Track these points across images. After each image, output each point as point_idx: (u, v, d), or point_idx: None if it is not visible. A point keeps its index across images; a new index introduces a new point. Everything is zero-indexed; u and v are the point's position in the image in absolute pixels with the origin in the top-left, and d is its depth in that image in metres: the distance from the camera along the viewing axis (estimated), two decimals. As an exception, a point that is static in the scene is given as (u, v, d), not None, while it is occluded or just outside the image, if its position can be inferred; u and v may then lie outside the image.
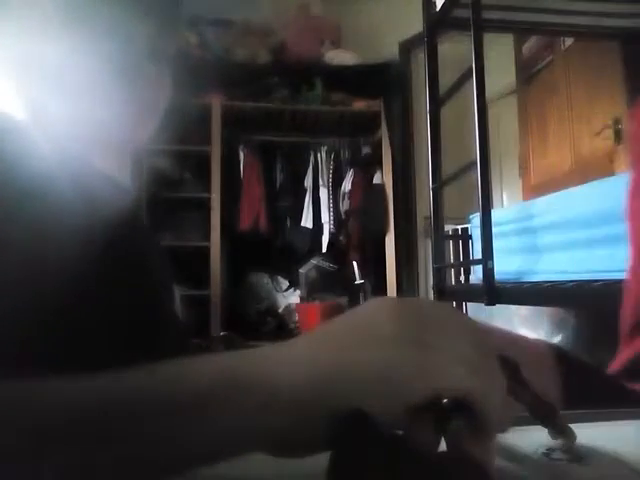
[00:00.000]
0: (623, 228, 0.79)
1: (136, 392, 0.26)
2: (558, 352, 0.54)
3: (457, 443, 0.28)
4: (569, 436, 0.35)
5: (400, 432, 0.28)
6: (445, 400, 0.29)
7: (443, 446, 0.29)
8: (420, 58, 3.25)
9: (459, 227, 2.72)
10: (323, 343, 0.28)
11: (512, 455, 0.35)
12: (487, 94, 1.73)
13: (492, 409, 0.28)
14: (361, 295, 3.11)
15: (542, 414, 0.34)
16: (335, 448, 0.25)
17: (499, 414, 0.28)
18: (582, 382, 0.53)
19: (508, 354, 0.32)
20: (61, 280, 0.36)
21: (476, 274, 2.26)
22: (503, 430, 0.30)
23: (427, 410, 0.28)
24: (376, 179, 3.32)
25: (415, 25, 2.52)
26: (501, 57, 3.41)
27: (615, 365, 0.65)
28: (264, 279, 3.34)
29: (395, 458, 0.25)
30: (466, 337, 0.29)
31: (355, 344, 0.28)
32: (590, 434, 0.37)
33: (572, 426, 0.35)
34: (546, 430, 0.35)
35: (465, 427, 0.28)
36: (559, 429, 0.35)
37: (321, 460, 0.25)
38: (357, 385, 0.26)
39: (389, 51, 3.47)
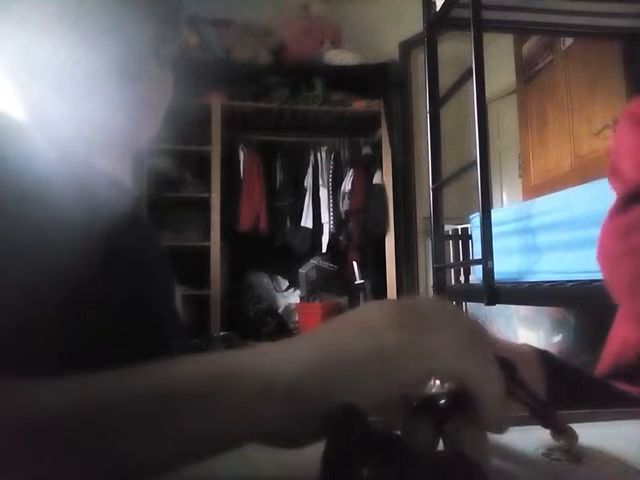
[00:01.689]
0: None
1: (136, 389, 0.26)
2: (542, 355, 0.54)
3: (454, 442, 0.28)
4: (571, 436, 0.35)
5: (397, 432, 0.28)
6: (442, 401, 0.29)
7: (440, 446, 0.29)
8: (420, 58, 3.25)
9: (459, 227, 2.72)
10: (320, 338, 0.29)
11: (512, 455, 0.35)
12: (487, 94, 1.73)
13: (490, 399, 0.28)
14: (361, 295, 3.11)
15: (542, 415, 0.34)
16: (328, 448, 0.25)
17: (497, 408, 0.28)
18: (566, 385, 0.53)
19: (506, 356, 0.32)
20: (61, 280, 0.36)
21: (476, 274, 2.26)
22: (502, 430, 0.30)
23: (425, 410, 0.28)
24: (376, 179, 3.32)
25: (415, 25, 2.53)
26: (501, 57, 3.42)
27: (601, 367, 0.65)
28: (264, 279, 3.34)
29: (391, 457, 0.25)
30: (463, 331, 0.29)
31: (351, 335, 0.28)
32: (590, 434, 0.37)
33: (572, 426, 0.35)
34: (545, 430, 0.35)
35: (462, 427, 0.28)
36: (560, 429, 0.35)
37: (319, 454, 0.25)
38: (353, 368, 0.27)
39: (389, 51, 3.47)
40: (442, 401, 0.29)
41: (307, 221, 3.28)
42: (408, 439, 0.28)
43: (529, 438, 0.36)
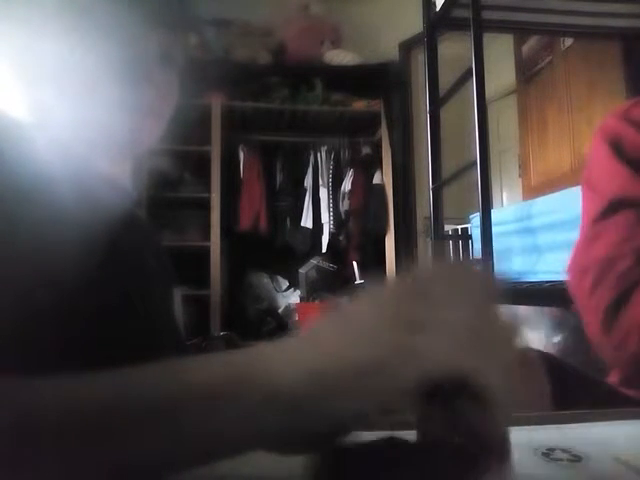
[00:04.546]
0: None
1: (139, 390, 0.26)
2: (549, 360, 0.54)
3: (465, 418, 0.27)
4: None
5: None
6: (447, 385, 0.28)
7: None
8: (420, 58, 3.25)
9: (459, 227, 2.72)
10: (320, 344, 0.28)
11: (512, 455, 0.35)
12: (487, 94, 1.73)
13: (496, 385, 0.27)
14: (361, 295, 3.10)
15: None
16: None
17: (507, 389, 0.27)
18: (573, 389, 0.53)
19: None
20: (60, 281, 0.36)
21: (476, 274, 2.25)
22: (514, 411, 0.29)
23: (433, 399, 0.27)
24: (376, 179, 3.32)
25: (415, 25, 2.52)
26: (501, 57, 3.41)
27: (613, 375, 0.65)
28: (264, 279, 3.34)
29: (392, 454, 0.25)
30: (469, 305, 0.28)
31: (350, 342, 0.28)
32: (590, 434, 0.37)
33: (572, 426, 0.35)
34: (545, 430, 0.35)
35: (474, 409, 0.27)
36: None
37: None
38: (353, 380, 0.26)
39: (389, 51, 3.47)
40: (446, 385, 0.28)
41: (307, 221, 3.28)
42: (422, 425, 0.27)
43: (529, 438, 0.36)
